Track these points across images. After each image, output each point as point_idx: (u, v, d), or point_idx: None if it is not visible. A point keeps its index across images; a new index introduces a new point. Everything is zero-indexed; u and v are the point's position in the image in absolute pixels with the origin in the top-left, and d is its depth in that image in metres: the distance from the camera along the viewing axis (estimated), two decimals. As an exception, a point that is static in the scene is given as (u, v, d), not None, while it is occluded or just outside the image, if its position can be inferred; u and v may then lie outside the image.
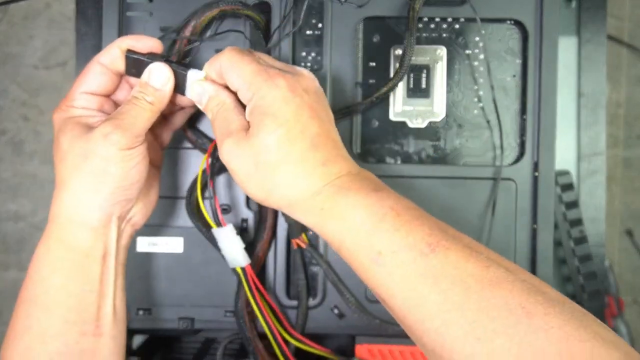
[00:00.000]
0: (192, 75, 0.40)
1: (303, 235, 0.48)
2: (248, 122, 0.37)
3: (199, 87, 0.40)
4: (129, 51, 0.40)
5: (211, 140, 0.48)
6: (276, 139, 0.36)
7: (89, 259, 0.39)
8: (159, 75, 0.40)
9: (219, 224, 0.45)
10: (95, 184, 0.38)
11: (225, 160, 0.38)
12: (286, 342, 0.48)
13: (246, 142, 0.36)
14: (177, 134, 0.49)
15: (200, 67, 0.41)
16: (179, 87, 0.41)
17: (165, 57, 0.41)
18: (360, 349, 0.49)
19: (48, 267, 0.39)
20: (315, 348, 0.48)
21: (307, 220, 0.37)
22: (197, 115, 0.49)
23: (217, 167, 0.48)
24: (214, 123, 0.39)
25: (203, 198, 0.47)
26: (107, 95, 0.42)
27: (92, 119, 0.40)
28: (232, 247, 0.45)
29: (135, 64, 0.40)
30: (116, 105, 0.42)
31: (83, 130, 0.38)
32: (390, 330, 0.49)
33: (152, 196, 0.44)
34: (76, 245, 0.39)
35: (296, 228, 0.48)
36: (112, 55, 0.40)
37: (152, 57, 0.40)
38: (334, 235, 0.36)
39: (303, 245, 0.48)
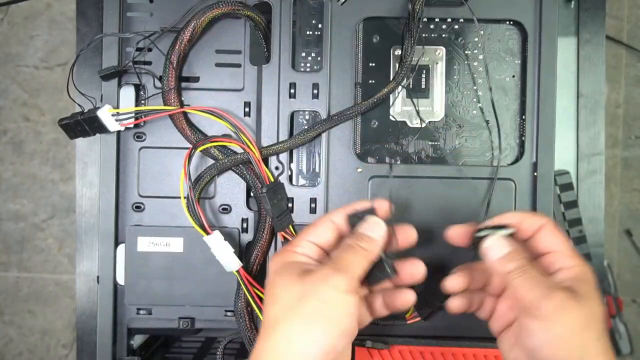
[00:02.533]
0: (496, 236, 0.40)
1: (290, 228, 0.48)
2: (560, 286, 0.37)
3: (504, 243, 0.39)
4: (352, 215, 0.41)
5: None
6: (602, 311, 0.37)
7: None
8: (374, 226, 0.40)
9: (206, 232, 0.46)
10: (310, 326, 0.35)
11: (551, 315, 0.36)
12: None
13: (580, 303, 0.36)
14: (177, 133, 0.49)
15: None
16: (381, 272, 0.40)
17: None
18: (360, 350, 0.49)
19: None
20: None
21: None
22: (196, 115, 0.49)
23: (218, 168, 0.49)
24: (518, 278, 0.38)
25: (199, 199, 0.48)
26: (326, 251, 0.41)
27: (310, 267, 0.39)
28: (221, 252, 0.46)
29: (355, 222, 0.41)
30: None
31: (300, 274, 0.37)
32: (389, 330, 0.49)
33: None
34: None
35: (282, 221, 0.48)
36: (344, 216, 0.41)
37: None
38: None
39: (290, 238, 0.48)
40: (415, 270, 0.42)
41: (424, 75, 0.51)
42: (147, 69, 0.50)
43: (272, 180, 0.49)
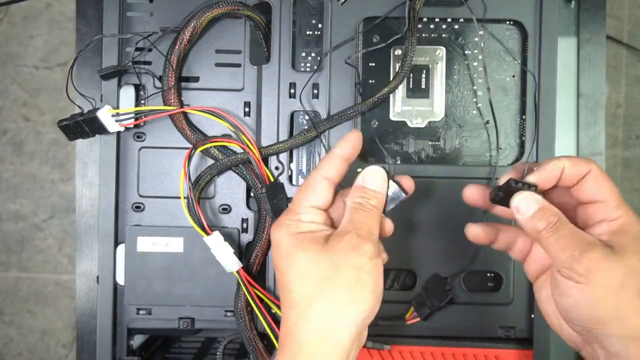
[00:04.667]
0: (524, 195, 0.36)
1: None
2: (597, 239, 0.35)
3: (526, 194, 0.36)
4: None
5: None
6: None
7: None
8: (374, 177, 0.39)
9: (206, 232, 0.46)
10: (351, 294, 0.36)
11: (584, 276, 0.34)
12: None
13: (617, 259, 0.34)
14: (177, 133, 0.49)
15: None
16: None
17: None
18: (360, 350, 0.49)
19: None
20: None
21: None
22: (196, 115, 0.49)
23: (218, 168, 0.49)
24: (550, 237, 0.35)
25: (199, 199, 0.48)
26: (326, 210, 0.40)
27: (324, 232, 0.38)
28: (221, 253, 0.46)
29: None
30: (330, 218, 0.40)
31: (322, 244, 0.37)
32: (389, 330, 0.49)
33: None
34: None
35: None
36: (337, 167, 0.39)
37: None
38: None
39: None
40: (409, 182, 0.40)
41: (424, 75, 0.51)
42: (147, 68, 0.50)
43: (272, 180, 0.49)
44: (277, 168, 0.49)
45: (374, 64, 0.51)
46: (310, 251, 0.37)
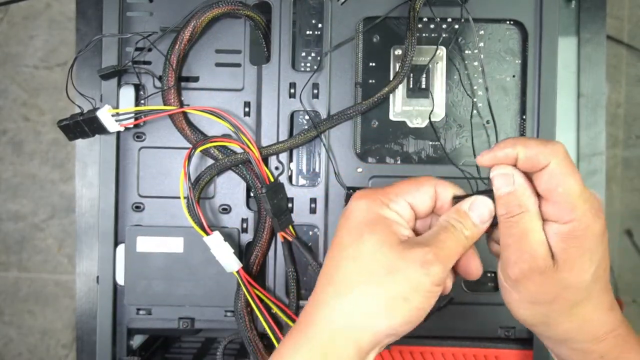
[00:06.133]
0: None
1: (290, 228, 0.48)
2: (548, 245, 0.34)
3: (508, 171, 0.34)
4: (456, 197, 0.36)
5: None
6: (589, 278, 0.33)
7: None
8: (484, 211, 0.35)
9: (206, 232, 0.46)
10: (392, 307, 0.33)
11: (514, 282, 0.34)
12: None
13: (553, 275, 0.33)
14: (177, 133, 0.49)
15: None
16: None
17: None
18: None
19: None
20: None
21: None
22: (196, 115, 0.49)
23: (218, 168, 0.49)
24: (503, 226, 0.34)
25: (199, 199, 0.48)
26: (416, 217, 0.37)
27: (402, 231, 0.35)
28: (221, 253, 0.46)
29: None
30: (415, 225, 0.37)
31: (395, 242, 0.34)
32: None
33: None
34: None
35: (282, 221, 0.48)
36: (447, 193, 0.36)
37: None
38: None
39: (290, 238, 0.48)
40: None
41: (424, 75, 0.51)
42: (146, 68, 0.50)
43: (272, 180, 0.49)
44: (277, 168, 0.49)
45: (374, 64, 0.51)
46: (379, 241, 0.34)
